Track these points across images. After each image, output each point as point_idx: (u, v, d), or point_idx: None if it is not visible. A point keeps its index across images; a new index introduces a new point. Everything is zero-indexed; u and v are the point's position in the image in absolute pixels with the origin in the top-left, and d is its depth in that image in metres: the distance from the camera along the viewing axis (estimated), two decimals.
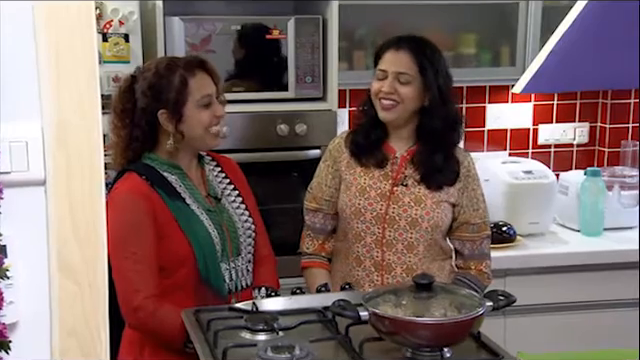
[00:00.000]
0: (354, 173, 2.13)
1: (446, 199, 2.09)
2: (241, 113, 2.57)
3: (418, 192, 2.08)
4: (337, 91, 2.67)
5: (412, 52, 2.05)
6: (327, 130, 2.63)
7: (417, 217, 2.06)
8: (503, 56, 3.10)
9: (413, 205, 2.07)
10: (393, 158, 2.11)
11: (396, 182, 2.09)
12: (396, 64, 2.05)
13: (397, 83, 2.04)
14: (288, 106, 2.64)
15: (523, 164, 3.07)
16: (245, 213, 2.04)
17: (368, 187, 2.10)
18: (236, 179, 2.09)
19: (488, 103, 3.26)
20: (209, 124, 1.94)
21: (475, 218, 2.13)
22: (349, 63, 2.92)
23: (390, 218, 2.07)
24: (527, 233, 2.93)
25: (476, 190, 2.14)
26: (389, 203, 2.08)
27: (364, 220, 2.08)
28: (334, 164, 2.17)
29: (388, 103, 2.05)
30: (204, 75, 1.94)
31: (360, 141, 2.13)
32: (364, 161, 2.12)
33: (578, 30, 1.48)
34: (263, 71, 2.66)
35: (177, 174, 1.96)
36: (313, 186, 2.22)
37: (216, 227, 1.94)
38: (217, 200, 2.00)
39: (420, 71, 2.04)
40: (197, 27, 2.53)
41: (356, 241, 2.11)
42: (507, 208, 2.92)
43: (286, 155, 2.63)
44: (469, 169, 2.12)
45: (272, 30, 2.60)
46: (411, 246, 2.07)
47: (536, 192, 2.93)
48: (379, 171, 2.11)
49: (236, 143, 2.56)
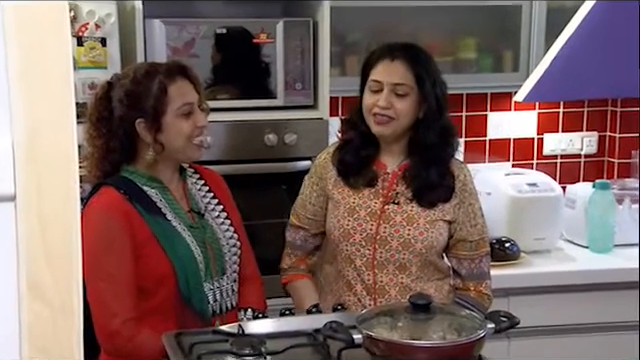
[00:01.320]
0: (342, 192, 2.12)
1: (441, 217, 2.08)
2: (226, 122, 2.57)
3: (410, 210, 2.07)
4: (329, 98, 2.68)
5: (408, 62, 2.04)
6: (318, 140, 2.63)
7: (410, 237, 2.05)
8: (505, 61, 3.12)
9: (405, 225, 2.06)
10: (384, 174, 2.11)
11: (387, 200, 2.08)
12: (392, 75, 2.04)
13: (393, 96, 2.04)
14: (276, 114, 2.64)
15: (527, 176, 3.08)
16: (230, 229, 2.04)
17: (357, 206, 2.09)
18: (220, 193, 2.09)
19: (489, 111, 3.27)
20: (190, 134, 1.94)
21: (473, 235, 2.13)
22: (341, 69, 2.93)
23: (381, 239, 2.07)
24: (532, 250, 2.94)
25: (473, 205, 2.13)
26: (380, 222, 2.07)
27: (354, 242, 2.08)
28: (319, 181, 2.17)
29: (383, 118, 2.05)
30: (185, 82, 1.95)
31: (348, 160, 2.12)
32: (352, 182, 2.11)
33: (584, 34, 1.49)
34: (250, 77, 2.67)
35: (157, 188, 1.96)
36: (297, 203, 2.22)
37: (199, 244, 1.94)
38: (200, 215, 2.00)
39: (417, 82, 2.04)
40: (179, 30, 2.54)
41: (346, 264, 2.10)
42: (510, 223, 2.93)
43: (274, 167, 2.63)
44: (465, 183, 2.12)
45: (259, 34, 2.60)
46: (404, 267, 2.07)
47: (541, 206, 2.94)
48: (369, 189, 2.10)
49: (220, 154, 2.56)
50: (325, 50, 2.64)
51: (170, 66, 1.95)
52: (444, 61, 2.88)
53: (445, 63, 2.91)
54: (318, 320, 1.75)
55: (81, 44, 2.44)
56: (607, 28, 1.47)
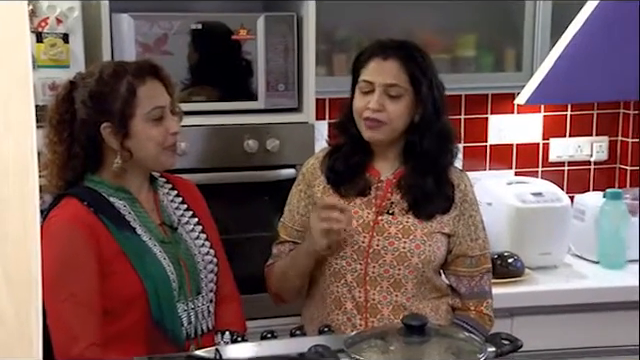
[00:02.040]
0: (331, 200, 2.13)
1: (439, 229, 2.09)
2: (201, 126, 2.57)
3: (406, 222, 2.08)
4: (314, 101, 2.68)
5: (402, 60, 2.05)
6: (303, 146, 2.63)
7: (405, 251, 2.06)
8: (507, 59, 3.14)
9: (401, 237, 2.07)
10: (377, 182, 2.11)
11: (381, 210, 2.09)
12: (384, 75, 2.05)
13: (386, 98, 2.04)
14: (257, 118, 2.65)
15: (531, 185, 3.09)
16: (206, 244, 2.04)
17: None
18: (195, 204, 2.08)
19: (490, 114, 3.29)
20: (161, 141, 1.93)
21: (474, 250, 2.13)
22: (328, 68, 2.94)
23: (374, 252, 2.07)
24: (537, 266, 2.95)
25: (474, 217, 2.14)
26: (373, 234, 2.07)
27: (344, 255, 2.08)
28: (307, 189, 2.17)
29: (374, 123, 2.05)
30: (156, 83, 1.94)
31: (339, 167, 2.12)
32: (343, 191, 2.12)
33: (590, 32, 1.50)
34: (228, 77, 2.67)
35: (125, 199, 1.95)
36: (284, 214, 2.23)
37: (172, 261, 1.94)
38: (173, 229, 1.99)
39: (412, 83, 2.05)
40: (150, 25, 2.54)
41: (335, 280, 2.10)
42: (513, 236, 2.94)
43: (254, 176, 2.63)
44: (465, 193, 2.13)
45: (238, 30, 2.61)
46: (398, 284, 2.07)
47: (547, 218, 2.95)
48: (361, 198, 2.11)
49: (195, 162, 2.56)
50: (310, 48, 2.64)
51: (140, 65, 1.95)
52: (440, 59, 2.89)
53: (442, 61, 2.92)
54: (303, 343, 1.74)
55: (41, 40, 2.43)
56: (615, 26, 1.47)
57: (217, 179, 2.58)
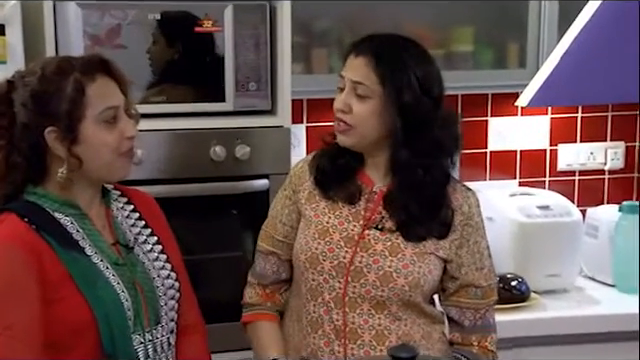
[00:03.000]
0: (316, 208, 2.13)
1: (433, 251, 2.08)
2: (161, 131, 2.56)
3: (396, 239, 2.08)
4: (290, 102, 2.69)
5: (372, 57, 2.04)
6: (277, 153, 2.64)
7: (391, 270, 2.05)
8: (509, 55, 3.16)
9: (387, 255, 2.06)
10: (369, 193, 2.11)
11: (369, 224, 2.09)
12: (352, 71, 2.07)
13: (353, 97, 2.05)
14: (225, 121, 2.64)
15: (538, 197, 3.11)
16: (166, 266, 2.03)
17: (331, 227, 2.10)
18: (154, 220, 2.07)
19: (490, 116, 3.30)
20: (116, 147, 1.92)
21: (479, 280, 2.13)
22: (306, 64, 2.95)
23: (355, 270, 2.07)
24: (544, 289, 2.96)
25: (479, 243, 2.13)
26: (356, 250, 2.08)
27: (322, 271, 2.08)
28: (293, 195, 2.18)
29: (342, 125, 2.07)
30: (107, 80, 1.93)
31: (327, 167, 2.14)
32: (331, 194, 2.13)
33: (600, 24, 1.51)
34: (191, 75, 2.66)
35: (73, 215, 1.94)
36: (266, 223, 2.23)
37: (127, 286, 1.92)
38: (128, 250, 1.98)
39: (382, 83, 2.03)
40: (101, 15, 2.53)
41: (311, 298, 2.11)
42: (517, 256, 2.95)
43: (222, 187, 2.62)
44: (469, 216, 2.12)
45: (203, 20, 2.61)
46: (380, 305, 2.07)
47: (555, 234, 2.96)
48: (349, 208, 2.11)
49: (153, 172, 2.55)
50: (285, 41, 2.65)
51: (88, 60, 1.93)
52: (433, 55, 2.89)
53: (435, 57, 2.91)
54: None
55: None
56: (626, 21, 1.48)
57: (179, 191, 2.57)
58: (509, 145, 3.34)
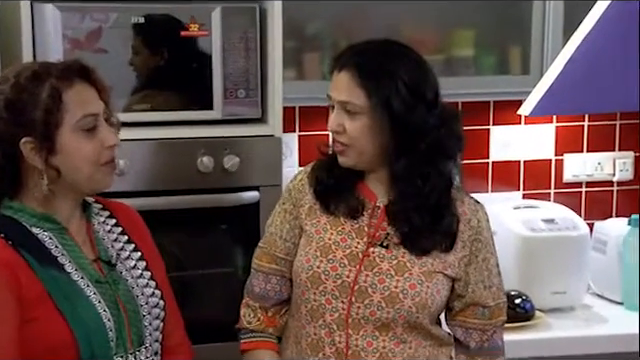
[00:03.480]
0: (317, 224, 2.14)
1: (441, 269, 2.09)
2: (144, 140, 2.57)
3: (402, 257, 2.08)
4: (282, 109, 2.69)
5: (355, 71, 2.04)
6: (268, 164, 2.64)
7: (398, 291, 2.06)
8: (512, 60, 3.17)
9: (394, 274, 2.07)
10: (373, 208, 2.12)
11: (373, 241, 2.10)
12: (337, 90, 2.08)
13: (344, 116, 2.06)
14: (213, 130, 2.65)
15: (543, 210, 3.12)
16: (150, 284, 2.03)
17: (334, 244, 2.10)
18: (138, 235, 2.07)
19: (492, 125, 3.31)
20: (96, 157, 1.92)
21: (487, 299, 2.14)
22: (298, 70, 2.95)
23: (360, 290, 2.07)
24: (549, 307, 2.97)
25: (488, 260, 2.15)
26: (360, 269, 2.08)
27: (324, 291, 2.09)
28: (294, 209, 2.18)
29: (339, 145, 2.09)
30: (86, 87, 1.93)
31: (327, 179, 2.15)
32: (332, 208, 2.13)
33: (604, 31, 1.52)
34: (176, 82, 2.67)
35: (52, 230, 1.94)
36: (265, 239, 2.23)
37: (109, 305, 1.92)
38: (110, 266, 1.98)
39: (369, 97, 2.03)
40: (81, 17, 2.53)
41: (312, 319, 2.11)
42: (521, 272, 2.96)
43: (210, 200, 2.63)
44: (479, 231, 2.13)
45: (189, 24, 2.61)
46: (385, 327, 2.08)
47: (561, 249, 2.97)
48: (351, 223, 2.12)
49: (137, 183, 2.56)
50: (277, 46, 2.66)
51: (66, 66, 1.93)
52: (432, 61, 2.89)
53: (433, 63, 2.92)
54: None
55: None
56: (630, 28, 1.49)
57: (164, 204, 2.57)
58: (512, 155, 3.34)
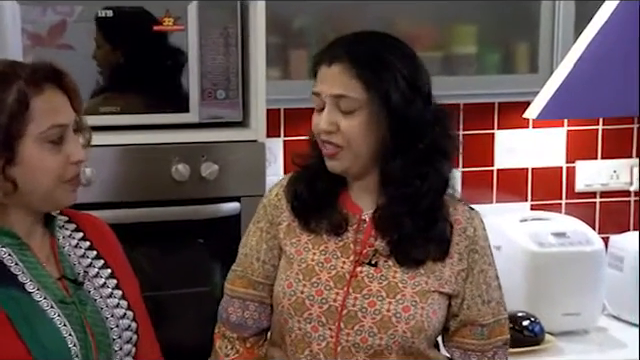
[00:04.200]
0: (298, 243, 2.14)
1: (437, 287, 2.09)
2: (114, 146, 2.57)
3: (393, 276, 2.08)
4: (265, 112, 2.70)
5: (352, 62, 2.04)
6: (250, 172, 2.64)
7: (390, 315, 2.06)
8: (519, 58, 3.17)
9: (385, 296, 2.07)
10: (358, 221, 2.12)
11: (361, 259, 2.10)
12: (330, 83, 2.06)
13: (338, 114, 2.06)
14: (189, 135, 2.65)
15: (553, 222, 3.13)
16: (121, 304, 2.02)
17: (318, 266, 2.10)
18: (107, 251, 2.07)
19: (497, 129, 3.32)
20: (59, 173, 1.92)
21: (486, 316, 2.14)
22: (284, 69, 2.96)
23: (349, 315, 2.07)
24: (561, 330, 2.97)
25: (486, 272, 2.15)
26: (348, 291, 2.08)
27: (310, 317, 2.09)
28: (271, 227, 2.18)
29: (331, 148, 2.07)
30: (57, 93, 1.93)
31: (306, 194, 2.14)
32: (312, 225, 2.13)
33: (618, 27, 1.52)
34: (149, 81, 2.68)
35: (10, 245, 1.94)
36: (239, 262, 2.22)
37: (75, 328, 1.92)
38: (77, 285, 1.98)
39: (368, 90, 2.04)
40: (42, 10, 2.53)
41: (297, 349, 2.11)
42: (529, 291, 2.97)
43: (186, 212, 2.64)
44: (475, 240, 2.13)
45: (163, 18, 2.62)
46: (378, 355, 2.07)
47: (574, 266, 2.98)
48: (335, 241, 2.12)
49: (105, 194, 2.56)
50: (259, 42, 2.66)
51: (36, 68, 1.92)
52: (430, 58, 2.91)
53: (432, 61, 2.95)
54: None
55: None
56: None
57: (134, 217, 2.58)
58: (519, 162, 3.36)
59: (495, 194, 3.34)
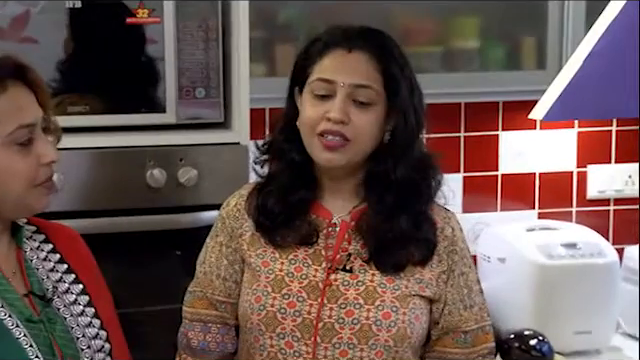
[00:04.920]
0: (264, 254, 2.14)
1: (417, 291, 2.11)
2: (83, 150, 2.58)
3: (371, 281, 2.10)
4: (249, 112, 2.72)
5: (374, 54, 2.08)
6: (232, 177, 2.64)
7: (370, 323, 2.07)
8: (525, 53, 3.19)
9: (363, 303, 2.08)
10: (328, 226, 2.14)
11: (334, 265, 2.11)
12: (350, 72, 2.08)
13: (351, 105, 2.07)
14: (165, 137, 2.67)
15: (562, 232, 3.15)
16: (94, 323, 2.02)
17: (288, 276, 2.11)
18: (80, 263, 2.07)
19: (502, 130, 3.34)
20: (30, 176, 1.92)
21: (469, 322, 2.16)
22: (269, 65, 2.97)
23: (325, 327, 2.08)
24: (572, 350, 2.99)
25: (467, 274, 2.17)
26: (323, 302, 2.09)
27: (283, 333, 2.09)
28: (231, 241, 2.19)
29: (336, 140, 2.07)
30: (22, 90, 1.93)
31: (272, 207, 2.14)
32: (279, 239, 2.14)
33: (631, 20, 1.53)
34: (122, 78, 2.69)
35: None
36: (197, 280, 2.23)
37: (42, 350, 1.91)
38: (45, 302, 1.99)
39: (386, 86, 2.08)
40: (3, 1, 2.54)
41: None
42: (537, 307, 2.98)
43: (162, 221, 2.65)
44: (454, 241, 2.16)
45: (137, 9, 2.63)
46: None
47: (585, 280, 3.00)
48: (305, 249, 2.14)
49: (74, 201, 2.57)
50: (242, 36, 2.68)
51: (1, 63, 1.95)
52: (429, 54, 2.94)
53: (432, 56, 2.97)
54: None
55: None
56: None
57: (106, 227, 2.59)
58: (526, 167, 3.38)
59: (500, 201, 3.35)
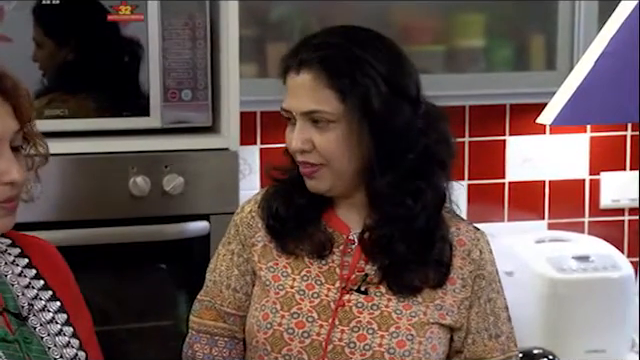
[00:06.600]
0: (275, 267, 2.15)
1: (437, 319, 2.10)
2: (60, 156, 2.57)
3: (386, 306, 2.10)
4: (239, 115, 2.72)
5: (319, 67, 2.05)
6: (221, 185, 2.66)
7: (383, 350, 2.07)
8: (533, 52, 3.19)
9: (376, 329, 2.08)
10: (345, 242, 2.14)
11: (348, 286, 2.11)
12: (301, 97, 2.07)
13: (311, 128, 2.07)
14: (149, 143, 2.68)
15: (574, 244, 3.15)
16: (72, 343, 2.02)
17: (298, 293, 2.12)
18: (57, 279, 2.07)
19: (509, 135, 3.34)
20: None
21: (494, 352, 2.15)
22: (260, 65, 2.97)
23: (335, 350, 2.08)
24: None
25: (494, 301, 2.16)
26: (334, 323, 2.09)
27: (289, 354, 2.09)
28: (243, 250, 2.20)
29: (308, 167, 2.08)
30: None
31: (284, 212, 2.15)
32: (291, 247, 2.15)
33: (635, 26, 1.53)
34: (102, 80, 2.69)
35: None
36: (208, 289, 2.23)
37: None
38: (21, 320, 1.99)
39: (343, 99, 2.04)
40: None
41: None
42: (547, 324, 2.99)
43: (146, 232, 2.65)
44: (481, 265, 2.15)
45: (119, 6, 2.63)
46: None
47: (598, 295, 3.00)
48: (319, 265, 2.13)
49: (51, 211, 2.57)
50: (232, 34, 2.68)
51: None
52: (431, 52, 2.94)
53: (434, 56, 2.97)
54: None
55: None
56: None
57: (87, 238, 2.59)
58: (535, 174, 3.39)
59: (507, 211, 3.36)
